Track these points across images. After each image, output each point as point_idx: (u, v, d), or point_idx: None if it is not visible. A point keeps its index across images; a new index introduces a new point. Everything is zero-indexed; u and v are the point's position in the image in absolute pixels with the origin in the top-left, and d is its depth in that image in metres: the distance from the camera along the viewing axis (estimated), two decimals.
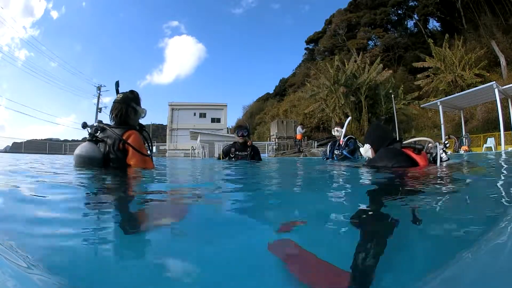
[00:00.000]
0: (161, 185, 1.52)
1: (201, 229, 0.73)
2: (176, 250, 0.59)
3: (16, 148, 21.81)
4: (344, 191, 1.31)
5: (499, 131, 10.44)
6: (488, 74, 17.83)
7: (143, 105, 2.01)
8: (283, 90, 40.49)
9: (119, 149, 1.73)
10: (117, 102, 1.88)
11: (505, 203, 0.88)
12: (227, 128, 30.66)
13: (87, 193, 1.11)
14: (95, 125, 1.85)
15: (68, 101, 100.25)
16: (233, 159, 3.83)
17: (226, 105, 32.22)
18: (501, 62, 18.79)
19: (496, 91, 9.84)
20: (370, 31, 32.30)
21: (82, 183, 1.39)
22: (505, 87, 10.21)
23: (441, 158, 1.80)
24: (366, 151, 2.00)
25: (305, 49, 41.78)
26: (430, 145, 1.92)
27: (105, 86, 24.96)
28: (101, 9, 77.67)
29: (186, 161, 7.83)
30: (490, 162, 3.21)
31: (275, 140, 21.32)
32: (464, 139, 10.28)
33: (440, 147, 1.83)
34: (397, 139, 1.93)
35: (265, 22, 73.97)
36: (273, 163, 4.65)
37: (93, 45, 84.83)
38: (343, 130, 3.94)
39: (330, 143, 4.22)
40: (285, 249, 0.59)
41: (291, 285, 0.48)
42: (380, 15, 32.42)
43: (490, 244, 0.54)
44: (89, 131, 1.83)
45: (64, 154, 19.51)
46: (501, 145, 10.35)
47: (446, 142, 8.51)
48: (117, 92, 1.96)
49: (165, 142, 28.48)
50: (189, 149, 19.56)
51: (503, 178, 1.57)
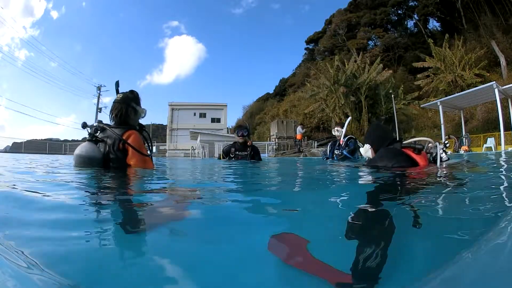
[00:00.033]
0: (161, 185, 1.52)
1: (201, 229, 0.73)
2: (176, 250, 0.59)
3: (16, 148, 21.82)
4: (344, 191, 1.31)
5: (499, 131, 10.45)
6: (488, 74, 17.83)
7: (143, 105, 2.01)
8: (283, 90, 40.49)
9: (119, 149, 1.73)
10: (117, 102, 1.88)
11: (505, 203, 0.88)
12: (227, 128, 30.67)
13: (87, 193, 1.11)
14: (95, 125, 1.85)
15: (68, 101, 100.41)
16: (233, 159, 3.84)
17: (226, 105, 32.27)
18: (501, 62, 18.80)
19: (496, 91, 9.84)
20: (370, 31, 32.30)
21: (82, 183, 1.39)
22: (505, 87, 10.22)
23: (441, 158, 1.79)
24: (366, 151, 2.00)
25: (305, 49, 41.86)
26: (430, 145, 1.92)
27: (105, 86, 25.02)
28: (101, 9, 77.80)
29: (186, 161, 7.83)
30: (490, 162, 3.21)
31: (275, 140, 21.33)
32: (464, 139, 10.29)
33: (440, 147, 1.83)
34: (397, 139, 1.93)
35: (265, 22, 74.05)
36: (273, 163, 4.65)
37: (93, 45, 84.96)
38: (343, 130, 3.94)
39: (330, 143, 4.22)
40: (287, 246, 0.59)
41: (291, 286, 0.48)
42: (380, 15, 32.42)
43: (490, 244, 0.54)
44: (89, 131, 1.83)
45: (64, 154, 19.52)
46: (501, 145, 10.35)
47: (446, 142, 8.52)
48: (117, 92, 1.96)
49: (165, 142, 28.49)
50: (189, 149, 19.56)
51: (503, 178, 1.57)
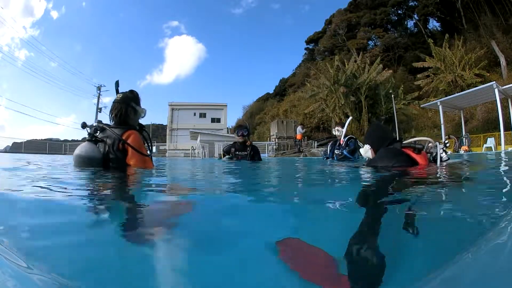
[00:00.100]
0: (161, 185, 1.52)
1: (201, 229, 0.73)
2: (176, 250, 0.59)
3: (16, 148, 21.82)
4: (344, 191, 1.31)
5: (499, 131, 10.45)
6: (488, 74, 17.84)
7: (143, 105, 2.00)
8: (283, 90, 40.49)
9: (119, 149, 1.73)
10: (116, 102, 1.88)
11: (505, 203, 0.88)
12: (227, 128, 30.67)
13: (86, 194, 1.10)
14: (94, 125, 1.84)
15: (68, 101, 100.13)
16: (233, 158, 3.85)
17: (226, 105, 32.26)
18: (501, 62, 18.80)
19: (496, 91, 9.84)
20: (370, 31, 32.30)
21: (81, 183, 1.39)
22: (505, 87, 10.22)
23: (441, 157, 1.79)
24: (366, 151, 1.99)
25: (305, 49, 41.86)
26: (430, 144, 1.92)
27: (105, 86, 25.02)
28: (101, 9, 77.63)
29: (186, 161, 7.83)
30: (490, 162, 3.21)
31: (275, 140, 21.33)
32: (464, 139, 10.29)
33: (440, 146, 1.82)
34: (397, 139, 1.93)
35: (265, 22, 73.98)
36: (273, 163, 4.65)
37: (93, 45, 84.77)
38: (344, 130, 3.93)
39: (330, 143, 4.21)
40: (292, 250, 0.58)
41: None
42: (380, 15, 32.42)
43: (490, 244, 0.54)
44: (89, 131, 1.82)
45: (64, 154, 19.51)
46: (501, 145, 10.36)
47: (446, 142, 8.53)
48: (117, 92, 1.96)
49: (165, 142, 28.49)
50: (189, 149, 19.56)
51: (503, 178, 1.57)
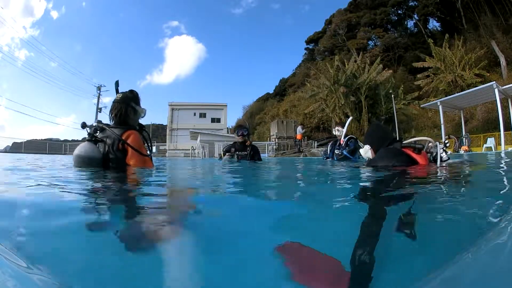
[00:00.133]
0: (161, 185, 1.52)
1: (201, 229, 0.72)
2: (175, 251, 0.59)
3: (16, 148, 21.82)
4: (344, 191, 1.31)
5: (499, 131, 10.45)
6: (488, 74, 17.84)
7: (143, 105, 2.00)
8: (283, 90, 40.50)
9: (119, 149, 1.73)
10: (116, 101, 1.88)
11: (505, 203, 0.88)
12: (227, 128, 30.68)
13: (86, 194, 1.10)
14: (94, 125, 1.84)
15: (68, 101, 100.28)
16: (234, 156, 3.86)
17: (226, 105, 32.27)
18: (501, 62, 18.80)
19: (496, 91, 9.85)
20: (370, 31, 32.30)
21: (81, 183, 1.39)
22: (505, 87, 10.22)
23: (441, 157, 1.79)
24: (366, 152, 1.99)
25: (305, 49, 41.88)
26: (430, 144, 1.92)
27: (105, 86, 25.03)
28: (101, 9, 77.72)
29: (186, 161, 7.83)
30: (490, 162, 3.21)
31: (275, 140, 21.34)
32: (464, 139, 10.29)
33: (440, 146, 1.82)
34: (397, 139, 1.93)
35: (265, 22, 74.03)
36: (273, 163, 4.64)
37: (93, 45, 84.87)
38: (344, 130, 3.93)
39: (330, 143, 4.20)
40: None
41: None
42: (380, 15, 32.42)
43: (490, 244, 0.54)
44: (89, 131, 1.82)
45: (64, 154, 19.52)
46: (501, 145, 10.36)
47: (446, 142, 8.52)
48: (117, 91, 1.96)
49: (165, 142, 28.50)
50: (189, 149, 19.56)
51: (503, 178, 1.57)
